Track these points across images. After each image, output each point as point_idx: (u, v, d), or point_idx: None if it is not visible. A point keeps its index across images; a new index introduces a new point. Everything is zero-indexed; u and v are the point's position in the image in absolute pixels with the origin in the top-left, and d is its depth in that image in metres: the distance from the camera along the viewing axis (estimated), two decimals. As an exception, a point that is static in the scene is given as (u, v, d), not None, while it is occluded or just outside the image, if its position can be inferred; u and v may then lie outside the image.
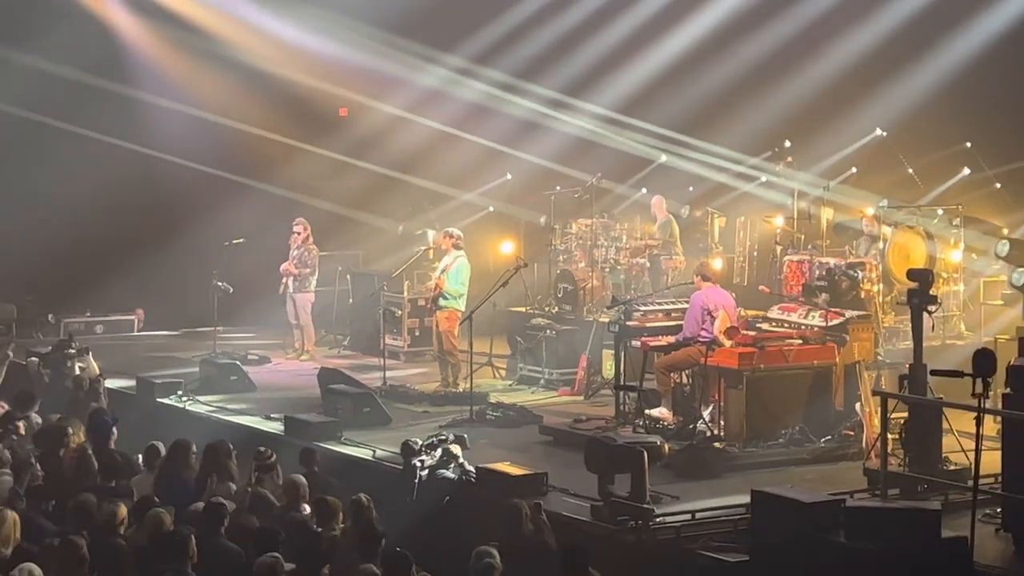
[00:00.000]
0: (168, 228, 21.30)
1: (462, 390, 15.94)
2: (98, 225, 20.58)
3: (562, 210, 20.25)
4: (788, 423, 13.17)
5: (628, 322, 14.77)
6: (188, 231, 20.98)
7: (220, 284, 18.53)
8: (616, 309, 15.01)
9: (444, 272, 16.73)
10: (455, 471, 12.38)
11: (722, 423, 13.24)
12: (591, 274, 18.47)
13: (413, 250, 19.55)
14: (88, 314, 21.92)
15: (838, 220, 17.82)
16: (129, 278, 21.25)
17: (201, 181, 21.84)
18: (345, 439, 14.11)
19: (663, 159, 21.42)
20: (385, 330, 18.01)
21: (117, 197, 20.35)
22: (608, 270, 18.56)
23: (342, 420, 14.55)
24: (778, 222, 18.06)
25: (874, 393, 12.54)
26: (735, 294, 15.36)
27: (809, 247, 16.93)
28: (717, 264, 16.86)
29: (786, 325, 14.08)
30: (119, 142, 21.31)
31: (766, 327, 14.11)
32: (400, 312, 18.95)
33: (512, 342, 18.00)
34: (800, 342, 13.59)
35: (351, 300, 20.43)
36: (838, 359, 13.49)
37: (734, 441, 13.05)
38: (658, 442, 12.03)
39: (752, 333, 13.74)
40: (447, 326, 16.61)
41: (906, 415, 11.75)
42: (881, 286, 15.57)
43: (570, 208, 20.35)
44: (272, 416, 15.24)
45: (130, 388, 17.00)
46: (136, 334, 22.15)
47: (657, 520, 10.94)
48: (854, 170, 19.31)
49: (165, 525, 10.01)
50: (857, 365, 13.38)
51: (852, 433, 13.12)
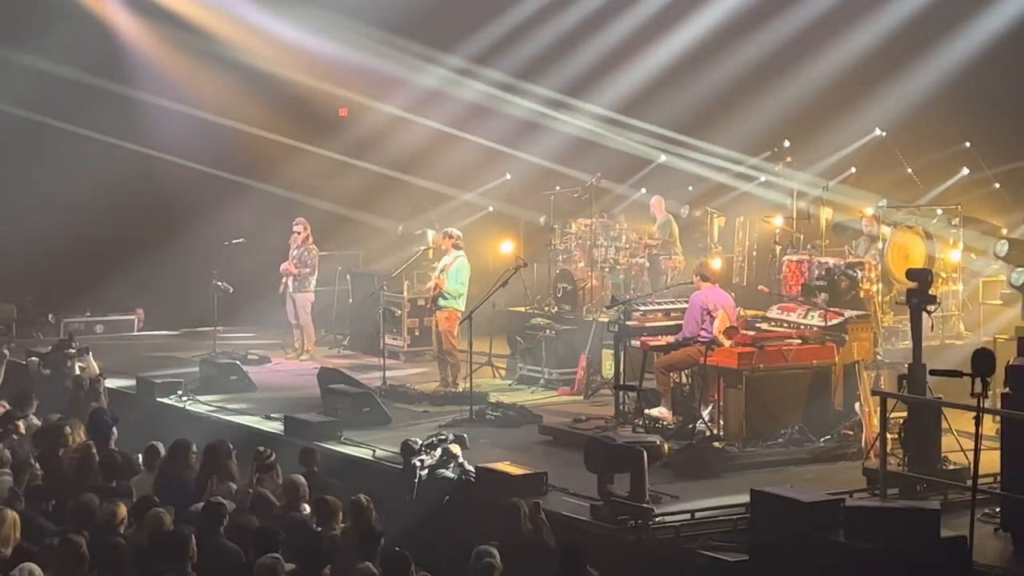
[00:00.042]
0: (168, 228, 21.30)
1: (462, 390, 15.94)
2: (98, 225, 20.60)
3: (562, 210, 20.24)
4: (787, 423, 13.17)
5: (627, 322, 14.77)
6: (188, 231, 20.98)
7: (220, 284, 18.53)
8: (615, 309, 15.00)
9: (443, 272, 16.73)
10: (455, 471, 12.39)
11: (721, 423, 13.24)
12: (590, 274, 18.46)
13: (413, 250, 19.56)
14: (88, 314, 21.93)
15: (837, 220, 17.82)
16: (129, 278, 21.26)
17: (201, 181, 21.84)
18: (345, 439, 14.11)
19: (662, 159, 21.41)
20: (385, 330, 18.01)
21: (117, 197, 20.36)
22: (608, 270, 18.55)
23: (342, 420, 14.56)
24: (777, 222, 18.05)
25: (873, 393, 12.55)
26: (734, 294, 15.37)
27: (808, 247, 16.95)
28: (716, 264, 16.85)
29: (785, 325, 14.08)
30: (119, 142, 21.32)
31: (765, 327, 14.11)
32: (400, 312, 18.95)
33: (512, 342, 18.00)
34: (799, 342, 13.58)
35: (351, 300, 20.43)
36: (837, 359, 13.49)
37: (733, 441, 13.06)
38: (657, 442, 12.04)
39: (751, 333, 13.73)
40: (447, 326, 16.62)
41: (905, 415, 11.75)
42: (880, 286, 15.56)
43: (570, 208, 20.34)
44: (272, 416, 15.24)
45: (130, 388, 17.01)
46: (136, 334, 22.17)
47: (657, 520, 10.94)
48: (853, 170, 19.30)
49: (165, 525, 10.01)
50: (856, 365, 13.37)
51: (851, 433, 13.12)
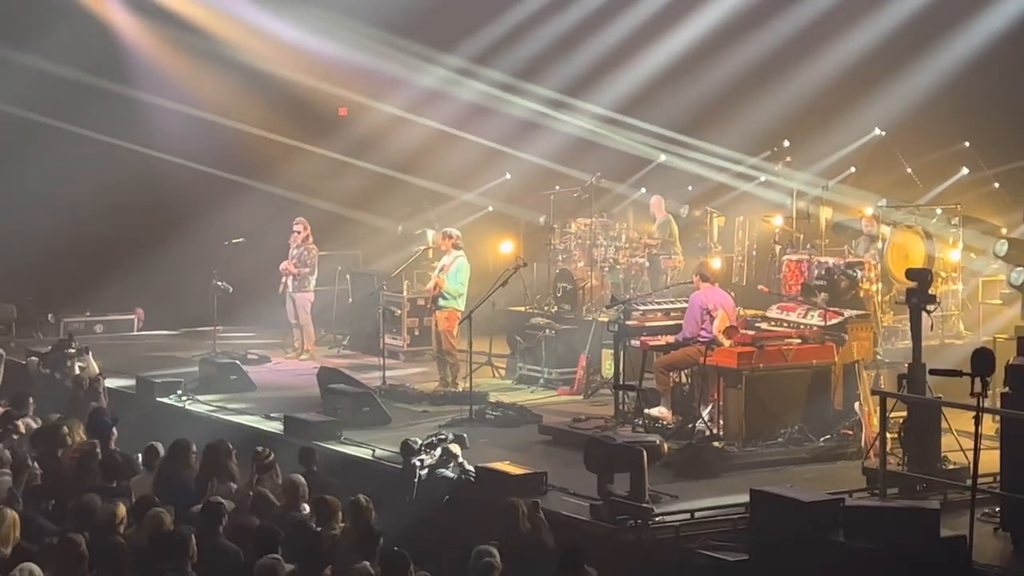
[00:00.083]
0: (168, 228, 21.31)
1: (461, 389, 15.95)
2: (98, 225, 20.61)
3: (561, 210, 20.23)
4: (787, 422, 13.18)
5: (627, 321, 14.77)
6: (188, 231, 20.99)
7: (220, 284, 18.54)
8: (615, 308, 15.00)
9: (443, 272, 16.74)
10: (454, 470, 12.39)
11: (721, 422, 13.25)
12: (590, 273, 18.46)
13: (412, 250, 19.56)
14: (88, 314, 21.93)
15: (837, 220, 17.82)
16: (129, 278, 21.26)
17: (201, 181, 21.85)
18: (345, 438, 14.12)
19: (662, 159, 21.40)
20: (384, 330, 18.03)
21: (117, 197, 20.38)
22: (607, 269, 18.55)
23: (342, 419, 14.56)
24: (777, 222, 18.04)
25: (873, 392, 12.55)
26: (734, 294, 15.40)
27: (808, 247, 16.96)
28: (716, 264, 16.85)
29: (785, 324, 14.08)
30: (119, 142, 21.33)
31: (765, 327, 14.11)
32: (399, 312, 18.95)
33: (511, 341, 17.99)
34: (799, 341, 13.59)
35: (351, 300, 20.43)
36: (837, 358, 13.50)
37: (733, 440, 13.06)
38: (657, 441, 12.06)
39: (751, 332, 13.74)
40: (446, 326, 16.62)
41: (905, 414, 11.76)
42: (880, 285, 15.57)
43: (569, 208, 20.33)
44: (272, 416, 15.25)
45: (130, 388, 17.02)
46: (136, 334, 22.17)
47: (656, 519, 10.95)
48: (853, 170, 19.29)
49: (165, 525, 10.01)
50: (856, 364, 13.38)
51: (851, 432, 13.13)
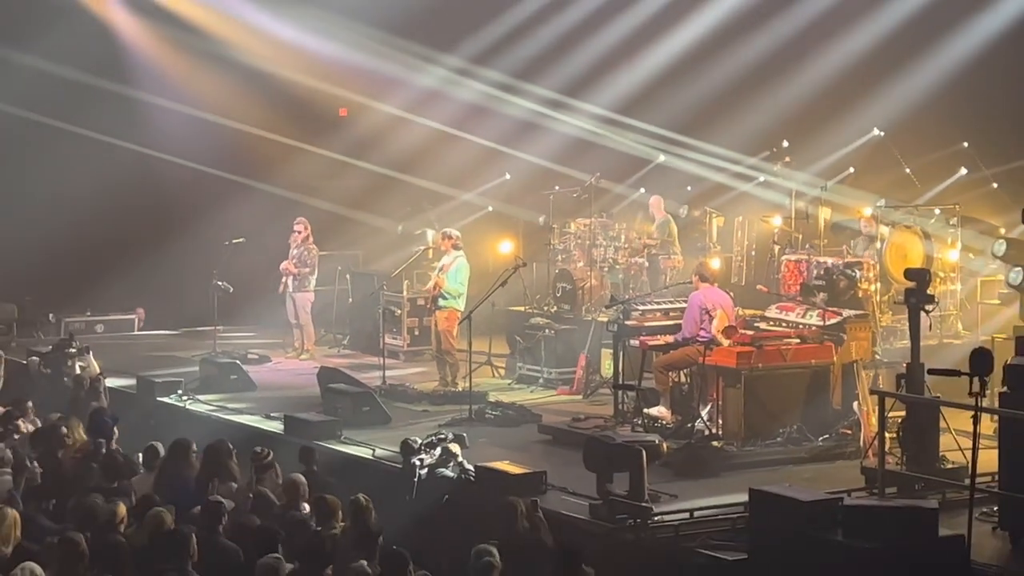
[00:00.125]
0: (168, 228, 21.35)
1: (461, 389, 15.97)
2: (98, 225, 20.61)
3: (561, 210, 20.24)
4: (786, 422, 13.20)
5: (626, 321, 14.79)
6: (188, 231, 21.02)
7: (220, 283, 18.56)
8: (614, 308, 15.02)
9: (442, 271, 16.75)
10: (454, 470, 12.41)
11: (720, 422, 13.26)
12: (590, 273, 18.47)
13: (412, 250, 19.56)
14: (88, 313, 21.95)
15: (836, 220, 17.82)
16: (129, 278, 21.27)
17: (201, 181, 21.87)
18: (345, 438, 14.13)
19: (661, 159, 21.41)
20: (384, 329, 18.04)
21: (117, 197, 20.40)
22: (607, 269, 18.56)
23: (342, 419, 14.57)
24: (776, 222, 18.05)
25: (872, 392, 12.57)
26: (733, 293, 15.41)
27: (807, 247, 16.99)
28: (715, 264, 16.85)
29: (784, 324, 14.10)
30: (119, 142, 21.36)
31: (764, 326, 14.13)
32: (399, 311, 18.97)
33: (511, 341, 18.00)
34: (798, 341, 13.61)
35: (351, 299, 20.45)
36: (836, 358, 13.51)
37: (732, 440, 13.08)
38: (656, 441, 12.07)
39: (750, 332, 13.76)
40: (446, 325, 16.64)
41: (903, 414, 11.76)
42: (879, 285, 15.60)
43: (569, 208, 20.34)
44: (272, 415, 15.27)
45: (130, 387, 17.03)
46: (136, 333, 22.19)
47: (656, 519, 10.96)
48: (852, 170, 19.30)
49: (166, 524, 10.03)
50: (855, 364, 13.39)
51: (850, 432, 13.14)
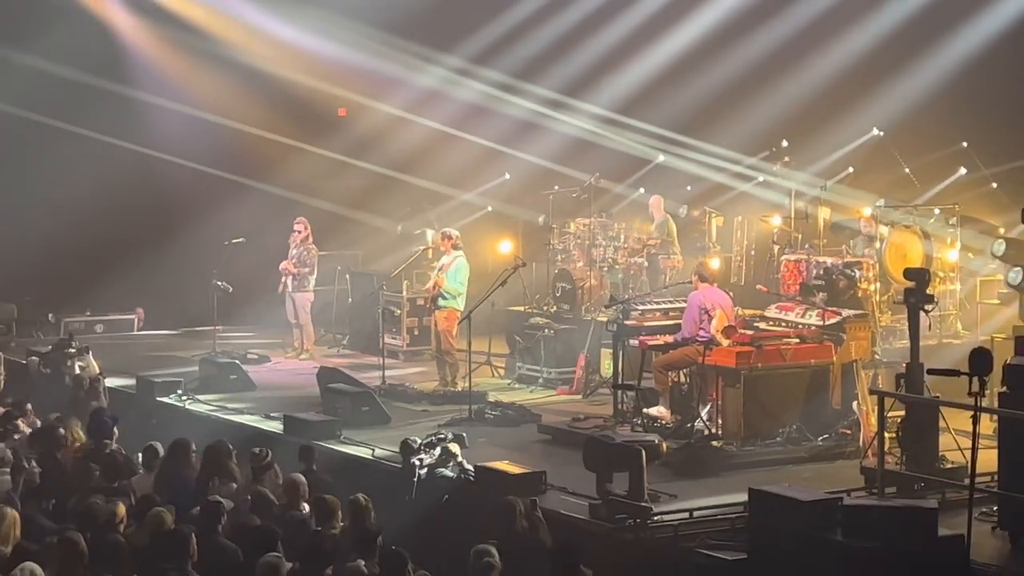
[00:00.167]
0: (167, 228, 21.35)
1: (461, 389, 15.97)
2: (98, 225, 20.61)
3: (560, 209, 20.24)
4: (785, 422, 13.21)
5: (626, 321, 14.80)
6: (188, 231, 21.02)
7: (220, 283, 18.56)
8: (614, 308, 15.03)
9: (442, 271, 16.76)
10: (454, 470, 12.42)
11: (720, 422, 13.27)
12: (589, 273, 18.47)
13: (412, 250, 19.57)
14: (88, 313, 21.95)
15: (835, 220, 17.83)
16: (129, 278, 21.27)
17: (201, 181, 21.87)
18: (344, 438, 14.13)
19: (661, 159, 21.42)
20: (384, 329, 18.06)
21: (117, 197, 20.40)
22: (606, 269, 18.56)
23: (341, 419, 14.57)
24: (775, 222, 18.06)
25: (871, 392, 12.57)
26: (732, 293, 15.42)
27: (806, 246, 17.00)
28: (715, 264, 16.85)
29: (783, 324, 14.10)
30: (119, 142, 21.35)
31: (763, 326, 14.13)
32: (399, 311, 18.97)
33: (511, 341, 18.00)
34: (797, 341, 13.61)
35: (350, 299, 20.46)
36: (835, 358, 13.52)
37: (732, 440, 13.08)
38: (656, 441, 12.07)
39: (749, 332, 13.75)
40: (446, 325, 16.64)
41: (903, 414, 11.76)
42: (878, 285, 15.61)
43: (568, 207, 20.33)
44: (272, 415, 15.27)
45: (130, 387, 17.03)
46: (136, 333, 22.19)
47: (655, 518, 10.97)
48: (851, 170, 19.30)
49: (166, 524, 10.04)
50: (854, 364, 13.40)
51: (849, 432, 13.15)
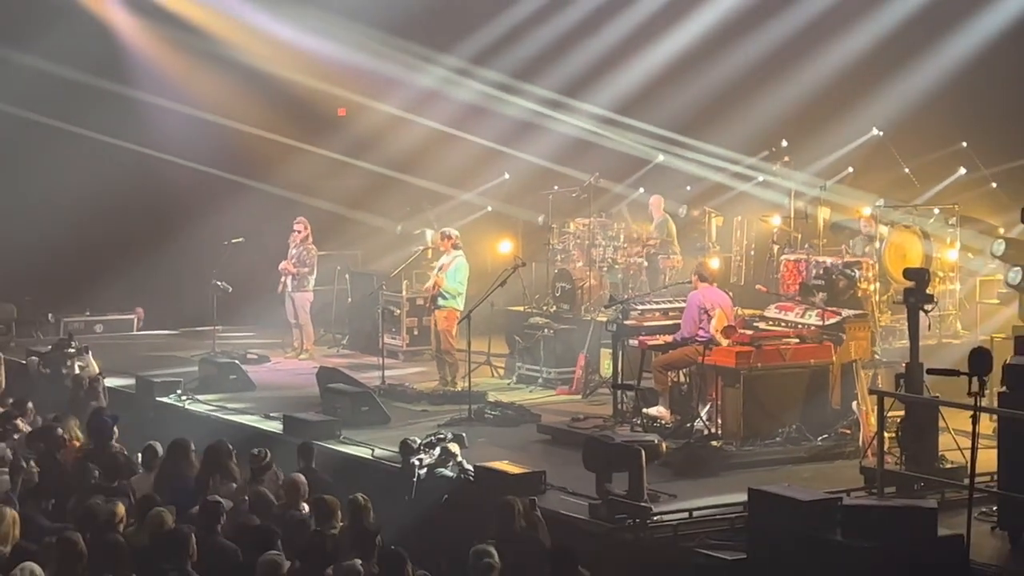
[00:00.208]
0: (167, 228, 21.36)
1: (460, 389, 15.98)
2: (98, 225, 20.62)
3: (560, 209, 20.24)
4: (785, 422, 13.21)
5: (626, 321, 14.80)
6: (187, 231, 21.03)
7: (219, 283, 18.57)
8: (614, 308, 15.03)
9: (442, 271, 16.76)
10: (453, 470, 12.42)
11: (719, 422, 13.27)
12: (589, 273, 18.47)
13: (412, 250, 19.57)
14: (87, 313, 21.95)
15: (835, 219, 17.83)
16: (128, 278, 21.28)
17: (200, 181, 21.87)
18: (344, 438, 14.13)
19: (660, 159, 21.42)
20: (384, 329, 18.06)
21: (117, 197, 20.42)
22: (606, 269, 18.55)
23: (341, 419, 14.57)
24: (775, 221, 18.06)
25: (871, 392, 12.58)
26: (732, 293, 15.43)
27: (806, 246, 17.00)
28: (714, 263, 16.87)
29: (783, 324, 14.11)
30: (119, 142, 21.36)
31: (763, 326, 14.14)
32: (399, 311, 18.97)
33: (510, 341, 18.00)
34: (797, 341, 13.62)
35: (350, 299, 20.46)
36: (835, 358, 13.52)
37: (731, 439, 13.09)
38: (656, 441, 12.07)
39: (749, 332, 13.76)
40: (445, 325, 16.64)
41: (902, 414, 11.77)
42: (878, 285, 15.62)
43: (568, 207, 20.33)
44: (271, 415, 15.27)
45: (130, 387, 17.03)
46: (135, 333, 22.19)
47: (655, 518, 10.97)
48: (851, 170, 19.31)
49: (166, 524, 10.04)
50: (854, 364, 13.41)
51: (849, 431, 13.16)
